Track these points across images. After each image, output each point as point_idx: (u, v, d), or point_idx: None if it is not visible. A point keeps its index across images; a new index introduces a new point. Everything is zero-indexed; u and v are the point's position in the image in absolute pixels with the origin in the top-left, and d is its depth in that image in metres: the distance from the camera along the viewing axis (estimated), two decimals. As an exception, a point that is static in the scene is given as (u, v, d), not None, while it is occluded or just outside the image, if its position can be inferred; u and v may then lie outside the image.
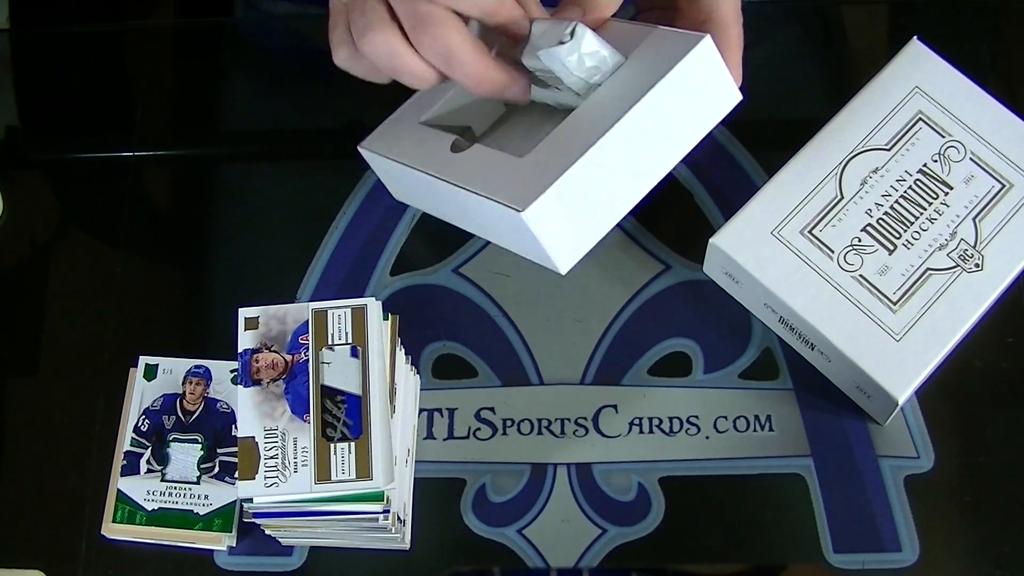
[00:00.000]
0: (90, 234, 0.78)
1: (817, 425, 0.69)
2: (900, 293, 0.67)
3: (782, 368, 0.71)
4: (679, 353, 0.72)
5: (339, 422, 0.57)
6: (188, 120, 0.82)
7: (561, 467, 0.69)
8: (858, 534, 0.66)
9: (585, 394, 0.71)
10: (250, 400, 0.57)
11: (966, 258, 0.68)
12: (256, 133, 0.83)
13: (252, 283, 0.76)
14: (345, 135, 0.82)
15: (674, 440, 0.69)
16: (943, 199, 0.69)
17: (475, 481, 0.69)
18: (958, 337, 0.66)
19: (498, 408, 0.70)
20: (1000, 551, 0.66)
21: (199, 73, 0.84)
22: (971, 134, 0.71)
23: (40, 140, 0.84)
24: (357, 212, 0.76)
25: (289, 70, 0.84)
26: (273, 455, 0.56)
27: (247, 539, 0.67)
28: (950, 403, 0.70)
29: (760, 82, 0.81)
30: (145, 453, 0.68)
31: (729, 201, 0.74)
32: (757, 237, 0.69)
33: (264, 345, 0.58)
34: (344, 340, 0.58)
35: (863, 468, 0.68)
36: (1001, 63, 0.79)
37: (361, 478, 0.55)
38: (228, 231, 0.78)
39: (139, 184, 0.79)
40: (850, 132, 0.71)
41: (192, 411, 0.69)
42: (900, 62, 0.73)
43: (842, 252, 0.68)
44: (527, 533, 0.67)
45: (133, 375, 0.70)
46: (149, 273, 0.76)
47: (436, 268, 0.75)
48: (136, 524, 0.66)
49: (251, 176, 0.81)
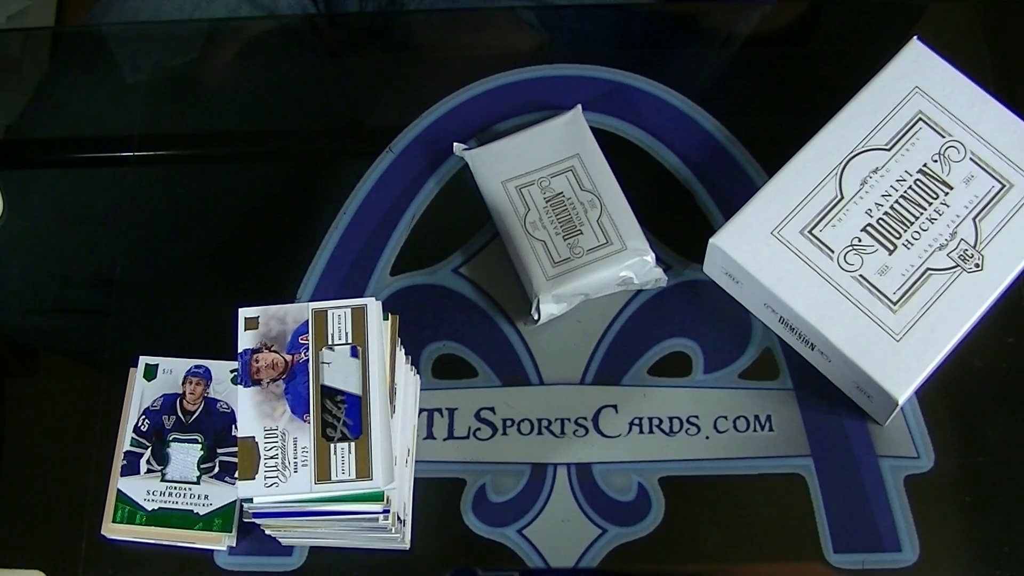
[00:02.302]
0: (90, 234, 0.78)
1: (817, 425, 0.69)
2: (900, 293, 0.67)
3: (782, 368, 0.71)
4: (679, 353, 0.72)
5: (339, 422, 0.57)
6: (188, 120, 0.83)
7: (561, 467, 0.69)
8: (858, 534, 0.66)
9: (585, 394, 0.71)
10: (250, 400, 0.57)
11: (966, 258, 0.68)
12: (256, 133, 0.83)
13: (252, 283, 0.76)
14: (345, 135, 0.82)
15: (674, 440, 0.69)
16: (943, 199, 0.69)
17: (475, 481, 0.69)
18: (958, 337, 0.66)
19: (498, 408, 0.70)
20: (1000, 551, 0.66)
21: (199, 73, 0.84)
22: (971, 134, 0.71)
23: (40, 140, 0.84)
24: (357, 212, 0.76)
25: (289, 70, 0.84)
26: (273, 455, 0.56)
27: (247, 539, 0.67)
28: (950, 403, 0.70)
29: (760, 82, 0.81)
30: (145, 453, 0.68)
31: (729, 201, 0.74)
32: (757, 237, 0.69)
33: (264, 345, 0.58)
34: (344, 340, 0.58)
35: (863, 468, 0.68)
36: (1001, 63, 0.79)
37: (361, 478, 0.55)
38: (228, 231, 0.78)
39: (139, 184, 0.79)
40: (850, 132, 0.71)
41: (192, 411, 0.69)
42: (900, 62, 0.73)
43: (842, 252, 0.68)
44: (527, 533, 0.67)
45: (133, 375, 0.70)
46: (149, 273, 0.76)
47: (436, 268, 0.75)
48: (136, 524, 0.66)
49: (251, 176, 0.81)
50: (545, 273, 0.71)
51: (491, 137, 0.77)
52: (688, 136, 0.78)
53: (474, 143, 0.77)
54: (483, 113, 0.79)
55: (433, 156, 0.78)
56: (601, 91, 0.79)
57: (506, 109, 0.79)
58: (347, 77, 0.85)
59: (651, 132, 0.78)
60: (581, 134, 0.76)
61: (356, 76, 0.85)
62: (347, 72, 0.86)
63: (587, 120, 0.77)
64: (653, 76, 0.79)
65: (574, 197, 0.73)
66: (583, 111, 0.77)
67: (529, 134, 0.76)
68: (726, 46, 0.85)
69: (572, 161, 0.75)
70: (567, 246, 0.71)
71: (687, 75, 0.80)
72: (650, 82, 0.79)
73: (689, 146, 0.77)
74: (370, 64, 0.86)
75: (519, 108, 0.79)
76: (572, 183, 0.74)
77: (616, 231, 0.72)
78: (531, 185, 0.74)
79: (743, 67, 0.83)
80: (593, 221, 0.72)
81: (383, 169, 0.77)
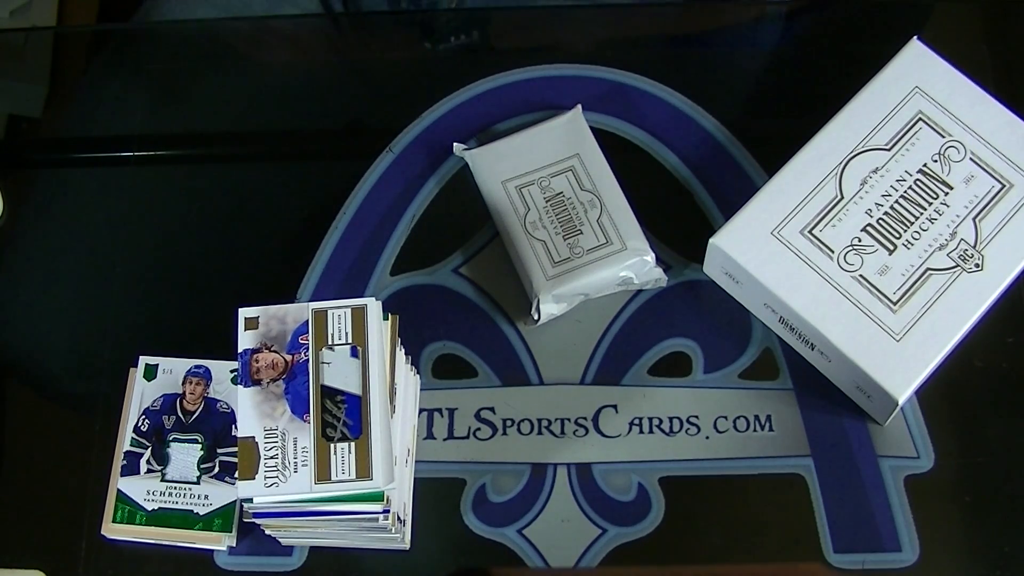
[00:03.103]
0: (90, 233, 0.78)
1: (817, 425, 0.69)
2: (900, 293, 0.67)
3: (782, 368, 0.71)
4: (679, 353, 0.72)
5: (339, 422, 0.57)
6: (188, 120, 0.83)
7: (561, 467, 0.69)
8: (858, 534, 0.66)
9: (585, 394, 0.71)
10: (250, 400, 0.57)
11: (966, 258, 0.68)
12: (256, 133, 0.83)
13: (252, 283, 0.76)
14: (345, 135, 0.82)
15: (674, 440, 0.69)
16: (943, 199, 0.69)
17: (475, 481, 0.69)
18: (958, 337, 0.66)
19: (498, 408, 0.70)
20: (1000, 551, 0.66)
21: (199, 73, 0.84)
22: (971, 134, 0.71)
23: (40, 140, 0.84)
24: (357, 212, 0.76)
25: (289, 70, 0.84)
26: (273, 455, 0.56)
27: (247, 539, 0.67)
28: (950, 403, 0.70)
29: (760, 82, 0.81)
30: (145, 453, 0.68)
31: (729, 201, 0.74)
32: (757, 237, 0.69)
33: (264, 345, 0.58)
34: (344, 340, 0.58)
35: (863, 468, 0.68)
36: (1001, 63, 0.79)
37: (361, 478, 0.55)
38: (228, 231, 0.78)
39: (139, 184, 0.79)
40: (850, 132, 0.71)
41: (192, 411, 0.69)
42: (900, 62, 0.73)
43: (842, 252, 0.68)
44: (527, 533, 0.67)
45: (133, 375, 0.70)
46: (149, 273, 0.76)
47: (436, 268, 0.75)
48: (136, 524, 0.66)
49: (251, 176, 0.81)
50: (545, 273, 0.71)
51: (491, 137, 0.77)
52: (688, 136, 0.78)
53: (474, 143, 0.77)
54: (483, 113, 0.79)
55: (433, 156, 0.78)
56: (601, 91, 0.79)
57: (506, 109, 0.79)
58: (347, 77, 0.85)
59: (651, 132, 0.78)
60: (581, 134, 0.76)
61: (356, 76, 0.85)
62: (347, 72, 0.86)
63: (587, 120, 0.77)
64: (653, 76, 0.79)
65: (574, 197, 0.73)
66: (583, 111, 0.77)
67: (529, 134, 0.76)
68: (728, 46, 0.85)
69: (572, 161, 0.75)
70: (567, 246, 0.71)
71: (687, 75, 0.80)
72: (650, 82, 0.79)
73: (689, 146, 0.77)
74: (370, 64, 0.86)
75: (519, 108, 0.79)
76: (572, 183, 0.74)
77: (616, 231, 0.72)
78: (531, 185, 0.74)
79: (743, 67, 0.83)
80: (593, 221, 0.72)
81: (383, 169, 0.77)
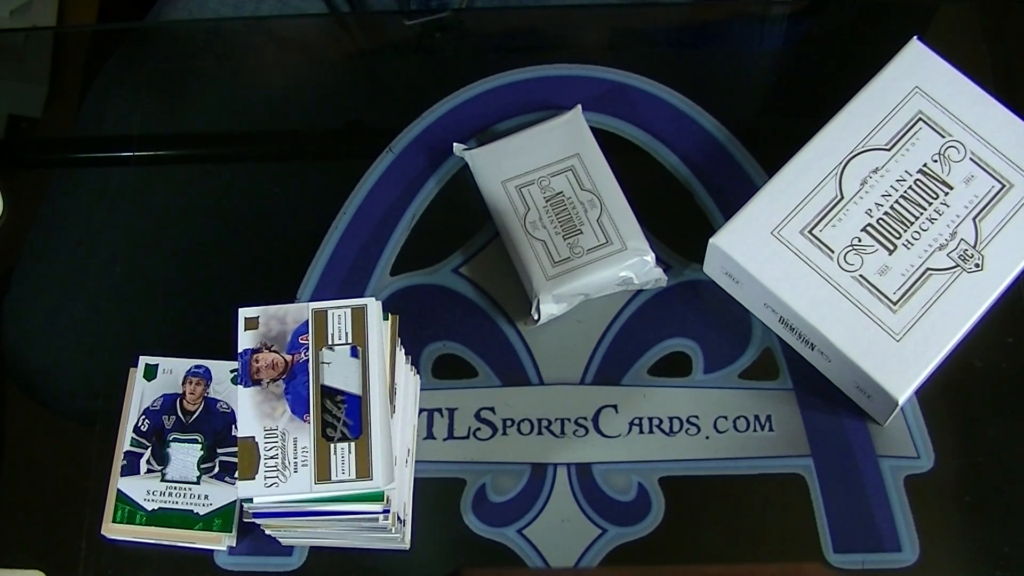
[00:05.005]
0: (90, 234, 0.78)
1: (817, 425, 0.69)
2: (900, 293, 0.67)
3: (782, 368, 0.71)
4: (679, 353, 0.72)
5: (339, 422, 0.57)
6: (188, 120, 0.83)
7: (561, 467, 0.69)
8: (858, 534, 0.66)
9: (585, 394, 0.71)
10: (250, 400, 0.57)
11: (966, 258, 0.68)
12: (256, 133, 0.83)
13: (252, 283, 0.76)
14: (345, 135, 0.82)
15: (674, 440, 0.69)
16: (943, 199, 0.69)
17: (475, 481, 0.69)
18: (958, 337, 0.66)
19: (498, 408, 0.70)
20: (1000, 551, 0.66)
21: (199, 73, 0.84)
22: (971, 134, 0.71)
23: (40, 140, 0.84)
24: (357, 212, 0.76)
25: (289, 70, 0.84)
26: (273, 455, 0.56)
27: (247, 539, 0.67)
28: (950, 403, 0.70)
29: (760, 82, 0.81)
30: (145, 453, 0.68)
31: (729, 201, 0.74)
32: (757, 237, 0.69)
33: (264, 345, 0.58)
34: (344, 340, 0.58)
35: (863, 468, 0.68)
36: (1001, 63, 0.79)
37: (361, 478, 0.55)
38: (228, 231, 0.78)
39: (139, 184, 0.79)
40: (850, 132, 0.71)
41: (192, 411, 0.69)
42: (900, 62, 0.73)
43: (842, 252, 0.68)
44: (527, 533, 0.67)
45: (133, 375, 0.70)
46: (149, 273, 0.76)
47: (436, 268, 0.75)
48: (136, 524, 0.66)
49: (251, 176, 0.81)
50: (545, 273, 0.71)
51: (491, 137, 0.77)
52: (688, 136, 0.78)
53: (474, 143, 0.77)
54: (483, 113, 0.79)
55: (433, 156, 0.78)
56: (601, 91, 0.79)
57: (506, 109, 0.79)
58: (347, 77, 0.85)
59: (651, 132, 0.78)
60: (581, 134, 0.76)
61: (356, 76, 0.85)
62: (347, 72, 0.86)
63: (587, 120, 0.77)
64: (653, 76, 0.79)
65: (574, 197, 0.73)
66: (583, 111, 0.77)
67: (529, 134, 0.76)
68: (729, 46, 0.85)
69: (572, 161, 0.75)
70: (567, 246, 0.71)
71: (687, 75, 0.80)
72: (650, 82, 0.79)
73: (689, 146, 0.77)
74: (370, 64, 0.86)
75: (519, 108, 0.79)
76: (572, 183, 0.74)
77: (616, 231, 0.72)
78: (531, 185, 0.74)
79: (743, 67, 0.83)
80: (593, 221, 0.72)
81: (383, 169, 0.77)
